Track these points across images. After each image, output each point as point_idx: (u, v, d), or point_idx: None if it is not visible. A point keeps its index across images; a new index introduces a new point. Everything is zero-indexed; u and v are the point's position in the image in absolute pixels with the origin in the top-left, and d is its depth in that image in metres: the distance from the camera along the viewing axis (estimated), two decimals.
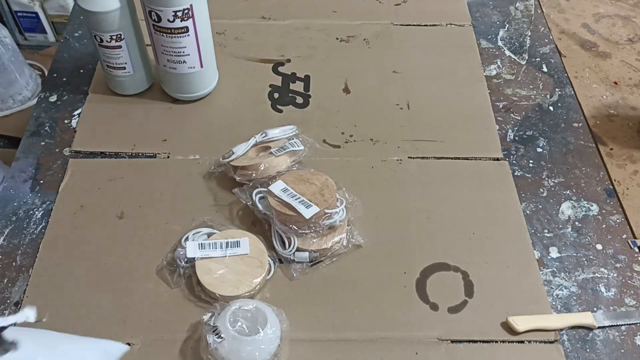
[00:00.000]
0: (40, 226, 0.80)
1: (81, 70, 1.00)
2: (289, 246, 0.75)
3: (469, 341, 0.70)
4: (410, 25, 1.10)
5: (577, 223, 0.82)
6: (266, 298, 0.73)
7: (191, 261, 0.73)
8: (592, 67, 1.05)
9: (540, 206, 0.84)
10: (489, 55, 1.05)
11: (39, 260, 0.76)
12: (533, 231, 0.81)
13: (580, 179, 0.87)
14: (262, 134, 0.85)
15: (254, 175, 0.80)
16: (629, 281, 0.76)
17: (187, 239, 0.76)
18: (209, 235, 0.76)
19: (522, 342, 0.70)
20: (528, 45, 1.07)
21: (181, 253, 0.74)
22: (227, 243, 0.75)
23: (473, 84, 1.00)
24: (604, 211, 0.83)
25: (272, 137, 0.85)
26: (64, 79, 0.99)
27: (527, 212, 0.83)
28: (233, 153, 0.83)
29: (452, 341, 0.70)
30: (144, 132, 0.91)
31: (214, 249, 0.74)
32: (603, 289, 0.75)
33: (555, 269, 0.77)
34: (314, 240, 0.75)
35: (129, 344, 0.68)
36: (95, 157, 0.88)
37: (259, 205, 0.78)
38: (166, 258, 0.76)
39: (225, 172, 0.84)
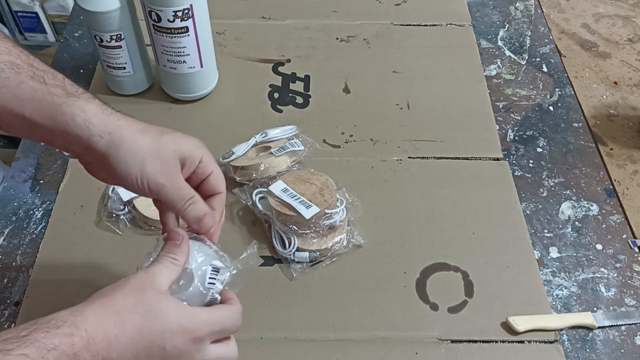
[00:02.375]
0: (40, 226, 0.80)
1: (81, 70, 1.00)
2: (289, 246, 0.75)
3: (469, 341, 0.70)
4: (410, 25, 1.10)
5: (577, 223, 0.82)
6: (266, 298, 0.73)
7: (129, 204, 0.78)
8: (592, 67, 1.05)
9: (540, 206, 0.84)
10: (489, 55, 1.05)
11: (39, 260, 0.76)
12: (533, 231, 0.81)
13: (580, 179, 0.87)
14: (262, 134, 0.85)
15: (254, 175, 0.80)
16: (629, 281, 0.76)
17: (113, 190, 0.79)
18: None
19: (522, 342, 0.70)
20: (528, 45, 1.07)
21: (116, 199, 0.77)
22: None
23: (473, 84, 1.00)
24: (604, 211, 0.83)
25: (272, 137, 0.85)
26: None
27: (527, 212, 0.83)
28: (233, 153, 0.83)
29: (452, 341, 0.70)
30: None
31: None
32: (603, 289, 0.75)
33: (555, 269, 0.77)
34: (314, 241, 0.75)
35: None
36: None
37: (259, 206, 0.78)
38: (104, 213, 0.79)
39: (225, 172, 0.84)
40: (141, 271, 0.50)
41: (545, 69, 1.03)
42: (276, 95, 0.97)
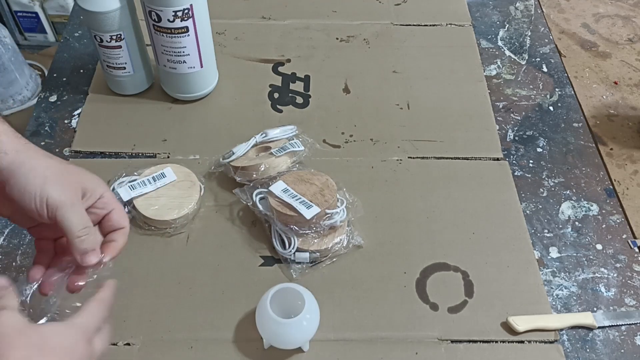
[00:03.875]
0: None
1: (81, 70, 1.00)
2: (289, 246, 0.75)
3: (469, 341, 0.70)
4: (410, 25, 1.10)
5: (577, 223, 0.82)
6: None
7: (129, 204, 0.78)
8: (592, 67, 1.05)
9: (540, 206, 0.84)
10: (489, 55, 1.05)
11: None
12: (533, 231, 0.81)
13: (580, 179, 0.87)
14: (262, 134, 0.85)
15: (254, 175, 0.80)
16: (629, 281, 0.76)
17: (113, 189, 0.79)
18: (130, 181, 0.80)
19: (522, 342, 0.70)
20: (528, 45, 1.07)
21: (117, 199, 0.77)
22: (153, 177, 0.81)
23: (473, 84, 1.00)
24: (604, 211, 0.83)
25: (272, 137, 0.85)
26: (64, 79, 0.99)
27: (527, 212, 0.83)
28: (233, 153, 0.83)
29: (452, 341, 0.70)
30: (144, 132, 0.91)
31: (145, 185, 0.80)
32: (603, 289, 0.75)
33: (555, 269, 0.77)
34: (315, 241, 0.75)
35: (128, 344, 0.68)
36: (95, 157, 0.88)
37: (260, 206, 0.78)
38: None
39: (225, 173, 0.84)
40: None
41: (545, 69, 1.03)
42: (276, 95, 0.97)
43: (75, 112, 0.94)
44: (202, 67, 0.90)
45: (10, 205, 0.54)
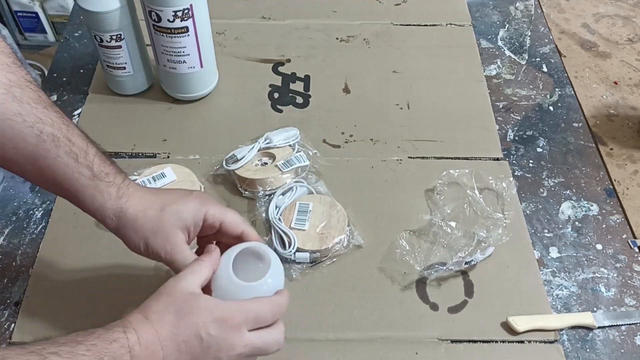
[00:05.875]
0: (40, 226, 0.80)
1: (81, 70, 1.00)
2: (289, 246, 0.75)
3: (469, 341, 0.70)
4: (410, 25, 1.10)
5: (577, 223, 0.82)
6: None
7: None
8: (592, 67, 1.05)
9: (540, 206, 0.84)
10: (489, 55, 1.05)
11: (39, 260, 0.76)
12: (533, 231, 0.81)
13: (580, 179, 0.87)
14: (265, 140, 0.85)
15: (260, 189, 0.80)
16: (629, 281, 0.76)
17: None
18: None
19: (522, 342, 0.70)
20: (528, 45, 1.07)
21: None
22: (153, 177, 0.81)
23: (473, 84, 1.00)
24: (604, 211, 0.83)
25: (275, 143, 0.85)
26: (64, 79, 0.99)
27: (527, 212, 0.83)
28: (236, 158, 0.82)
29: (452, 341, 0.70)
30: (144, 132, 0.91)
31: (145, 185, 0.78)
32: (603, 289, 0.75)
33: (555, 269, 0.77)
34: (315, 241, 0.75)
35: None
36: None
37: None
38: None
39: (226, 175, 0.84)
40: (171, 278, 0.55)
41: (545, 69, 1.03)
42: (276, 95, 0.97)
43: (75, 112, 0.94)
44: (202, 67, 0.90)
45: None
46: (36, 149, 0.57)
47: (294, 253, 0.75)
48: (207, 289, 0.57)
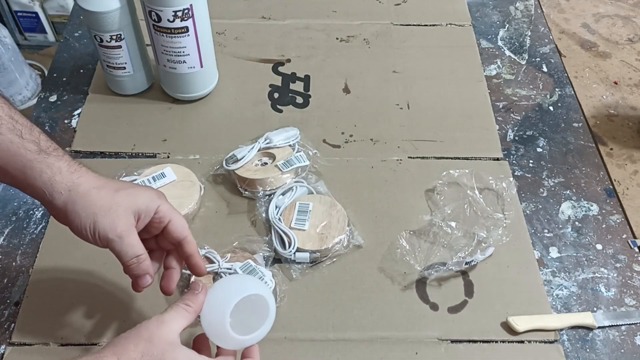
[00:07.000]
0: (40, 226, 0.80)
1: (81, 70, 1.00)
2: (289, 246, 0.75)
3: (469, 341, 0.70)
4: (410, 25, 1.10)
5: (577, 223, 0.82)
6: None
7: None
8: (592, 67, 1.05)
9: (540, 206, 0.84)
10: (489, 55, 1.05)
11: (39, 260, 0.76)
12: (533, 231, 0.81)
13: (580, 179, 0.87)
14: (265, 140, 0.85)
15: (260, 189, 0.80)
16: (629, 281, 0.76)
17: None
18: (130, 182, 0.79)
19: (522, 342, 0.70)
20: (528, 45, 1.07)
21: None
22: (153, 177, 0.81)
23: (473, 84, 1.00)
24: (604, 211, 0.83)
25: (275, 144, 0.85)
26: (64, 79, 0.99)
27: (527, 212, 0.83)
28: (236, 158, 0.82)
29: (452, 341, 0.70)
30: (144, 132, 0.91)
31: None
32: (603, 289, 0.75)
33: (555, 269, 0.77)
34: (315, 241, 0.75)
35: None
36: (95, 157, 0.88)
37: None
38: None
39: (226, 174, 0.84)
40: (153, 319, 0.54)
41: (545, 69, 1.03)
42: (276, 95, 0.97)
43: (75, 112, 0.94)
44: (202, 67, 0.90)
45: (74, 231, 0.58)
46: None
47: (294, 253, 0.75)
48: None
